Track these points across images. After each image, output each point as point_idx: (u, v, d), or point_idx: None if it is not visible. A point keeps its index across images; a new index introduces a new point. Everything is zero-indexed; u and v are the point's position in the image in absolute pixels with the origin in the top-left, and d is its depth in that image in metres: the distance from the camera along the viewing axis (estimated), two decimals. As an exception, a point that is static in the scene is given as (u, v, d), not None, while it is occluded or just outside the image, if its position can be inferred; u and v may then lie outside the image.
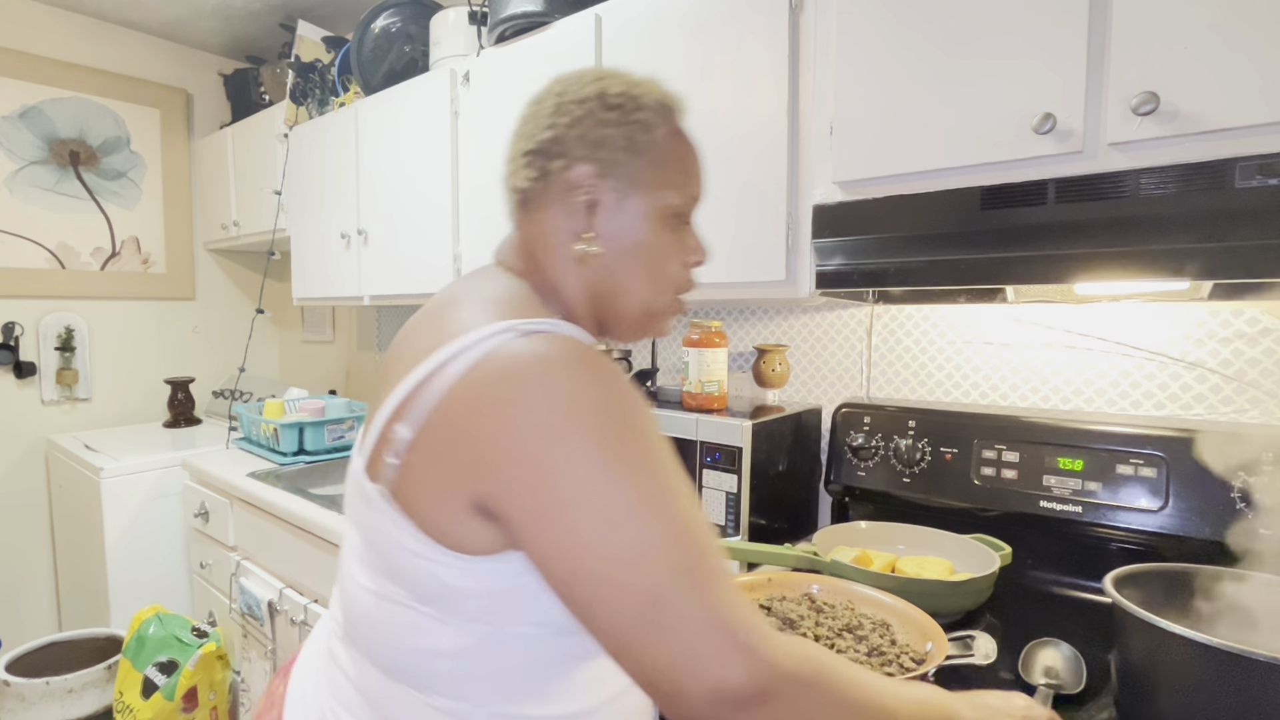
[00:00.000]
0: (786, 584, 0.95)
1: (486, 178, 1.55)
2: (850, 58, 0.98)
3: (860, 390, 1.38)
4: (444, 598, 0.52)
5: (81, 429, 2.50)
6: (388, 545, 0.53)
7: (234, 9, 2.42)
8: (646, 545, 0.45)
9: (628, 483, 0.46)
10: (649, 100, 0.61)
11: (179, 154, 2.73)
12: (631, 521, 0.45)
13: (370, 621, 0.56)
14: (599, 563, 0.45)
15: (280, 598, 1.57)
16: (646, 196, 0.61)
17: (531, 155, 0.62)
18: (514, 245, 0.66)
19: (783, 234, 1.08)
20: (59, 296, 2.45)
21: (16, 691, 1.78)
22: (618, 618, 0.45)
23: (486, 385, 0.48)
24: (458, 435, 0.49)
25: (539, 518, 0.46)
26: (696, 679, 0.44)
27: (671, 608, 0.44)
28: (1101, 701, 0.74)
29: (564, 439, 0.46)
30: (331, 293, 2.07)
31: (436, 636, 0.53)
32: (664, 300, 0.64)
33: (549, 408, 0.47)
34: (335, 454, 2.04)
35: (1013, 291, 1.11)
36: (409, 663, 0.55)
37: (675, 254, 0.63)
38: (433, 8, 1.82)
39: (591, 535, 0.45)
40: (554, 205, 0.61)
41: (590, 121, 0.59)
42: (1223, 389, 1.02)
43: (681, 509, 0.47)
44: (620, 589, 0.45)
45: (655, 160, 0.61)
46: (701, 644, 0.44)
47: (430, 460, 0.50)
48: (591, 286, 0.62)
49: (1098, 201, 0.79)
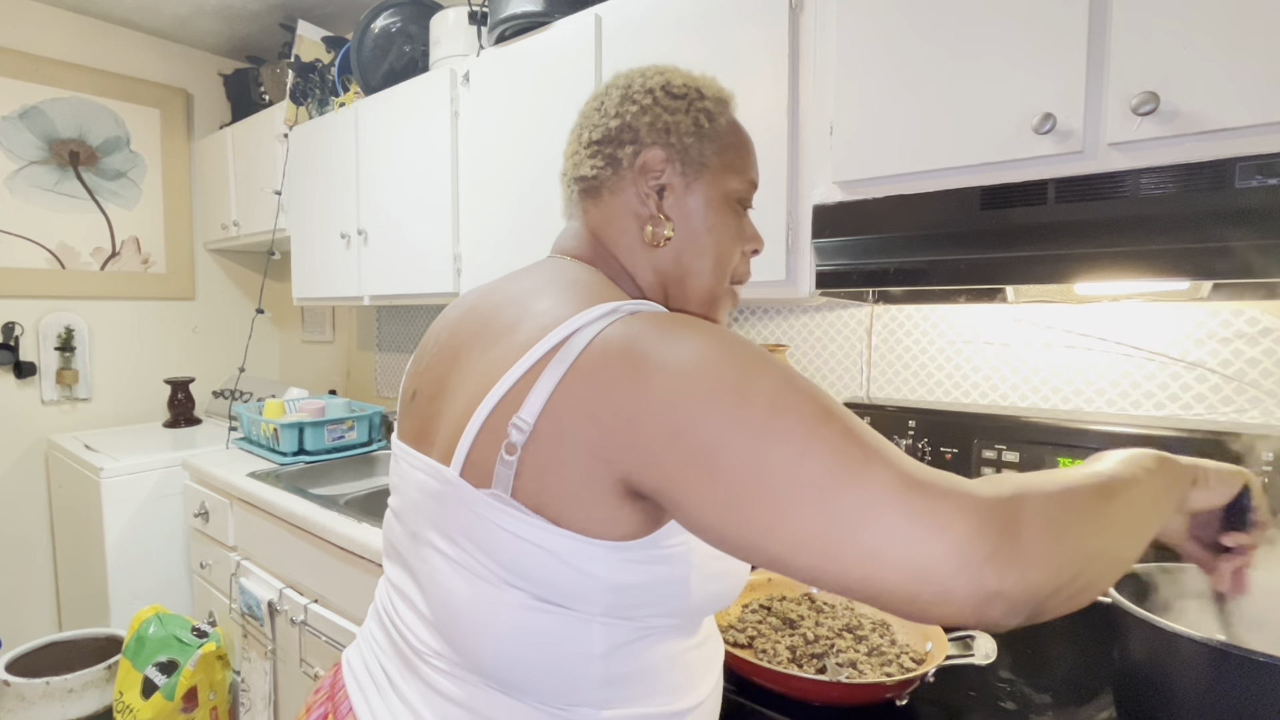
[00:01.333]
0: (787, 584, 0.95)
1: (486, 178, 1.55)
2: (850, 58, 0.98)
3: (860, 390, 1.38)
4: (585, 592, 0.49)
5: (81, 429, 2.50)
6: (512, 551, 0.49)
7: (234, 9, 2.42)
8: (829, 477, 0.41)
9: (788, 427, 0.43)
10: (710, 91, 0.64)
11: (179, 154, 2.73)
12: (810, 460, 0.42)
13: (506, 637, 0.51)
14: (791, 508, 0.41)
15: (280, 598, 1.57)
16: (713, 181, 0.63)
17: (599, 144, 0.63)
18: (578, 235, 0.65)
19: (783, 234, 1.08)
20: (59, 296, 2.45)
21: (16, 691, 1.78)
22: (832, 561, 0.41)
23: (616, 360, 0.46)
24: (591, 416, 0.46)
25: (714, 487, 0.43)
26: (948, 575, 0.39)
27: (876, 520, 0.40)
28: (1101, 701, 0.74)
29: (711, 401, 0.43)
30: (331, 293, 2.07)
31: (585, 640, 0.50)
32: (724, 286, 0.65)
33: (687, 373, 0.45)
34: (335, 454, 2.04)
35: (1013, 291, 1.11)
36: (557, 675, 0.51)
37: (737, 239, 0.65)
38: (433, 8, 1.82)
39: (774, 482, 0.42)
40: (626, 190, 0.62)
41: (658, 109, 0.62)
42: (1223, 389, 1.02)
43: (835, 426, 0.44)
44: (823, 532, 0.41)
45: (720, 147, 0.63)
46: (910, 515, 0.40)
47: (558, 449, 0.47)
48: (663, 271, 0.63)
49: (1098, 201, 0.79)
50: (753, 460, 0.42)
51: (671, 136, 0.61)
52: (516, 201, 1.48)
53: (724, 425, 0.43)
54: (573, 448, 0.47)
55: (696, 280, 0.63)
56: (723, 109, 0.65)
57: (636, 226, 0.63)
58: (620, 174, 0.62)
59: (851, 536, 0.41)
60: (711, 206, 0.63)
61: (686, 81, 0.64)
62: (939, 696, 0.75)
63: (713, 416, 0.43)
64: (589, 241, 0.64)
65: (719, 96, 0.65)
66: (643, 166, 0.62)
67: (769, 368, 0.46)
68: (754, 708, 0.75)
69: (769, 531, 0.42)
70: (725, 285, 0.65)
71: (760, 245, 0.68)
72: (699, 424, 0.43)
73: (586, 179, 0.64)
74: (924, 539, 0.40)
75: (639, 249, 0.63)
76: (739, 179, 0.64)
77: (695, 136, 0.62)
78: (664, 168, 0.61)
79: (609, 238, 0.64)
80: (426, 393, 0.61)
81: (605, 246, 0.64)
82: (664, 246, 0.62)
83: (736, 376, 0.44)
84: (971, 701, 0.75)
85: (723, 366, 0.45)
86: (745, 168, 0.65)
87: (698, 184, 0.62)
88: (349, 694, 0.63)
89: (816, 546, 0.41)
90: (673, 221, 0.62)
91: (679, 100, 0.62)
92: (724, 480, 0.43)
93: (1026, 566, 0.41)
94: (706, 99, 0.64)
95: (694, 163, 0.62)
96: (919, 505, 0.40)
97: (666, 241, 0.62)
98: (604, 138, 0.63)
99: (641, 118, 0.62)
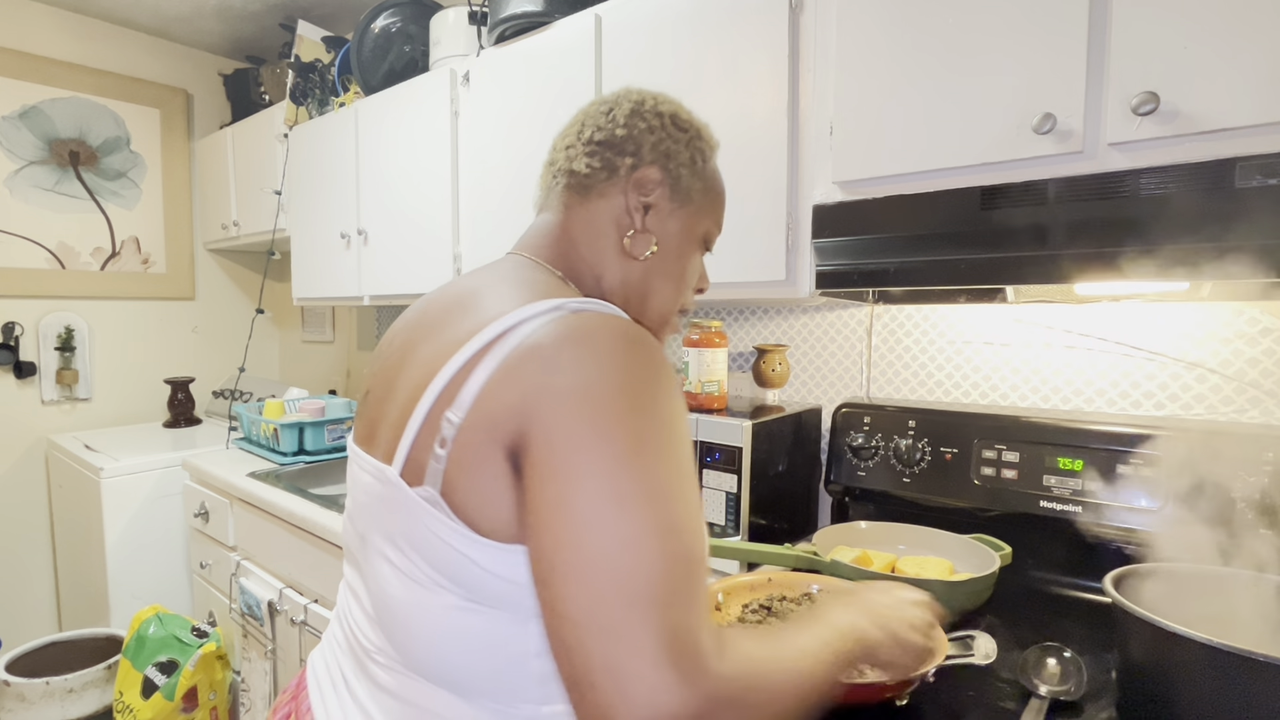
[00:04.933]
0: (787, 584, 0.95)
1: (486, 177, 1.55)
2: (850, 58, 0.98)
3: (860, 390, 1.38)
4: (511, 597, 0.50)
5: (81, 429, 2.50)
6: (440, 550, 0.50)
7: (234, 9, 2.42)
8: (636, 540, 0.44)
9: (641, 473, 0.45)
10: (707, 135, 0.69)
11: (179, 154, 2.73)
12: (631, 512, 0.44)
13: (443, 640, 0.52)
14: (590, 537, 0.44)
15: (280, 598, 1.57)
16: (693, 214, 0.67)
17: (600, 146, 0.65)
18: (548, 232, 0.66)
19: (783, 234, 1.08)
20: (59, 296, 2.45)
21: (16, 691, 1.78)
22: (582, 596, 0.43)
23: (542, 349, 0.48)
24: (505, 405, 0.47)
25: (547, 477, 0.45)
26: (628, 697, 0.41)
27: (636, 612, 0.42)
28: (1101, 702, 0.74)
29: (601, 410, 0.46)
30: (331, 293, 2.07)
31: (521, 640, 0.51)
32: (673, 312, 0.70)
33: (595, 375, 0.47)
34: (335, 454, 2.04)
35: (1013, 291, 1.11)
36: (497, 674, 0.51)
37: (694, 273, 0.70)
38: (433, 8, 1.82)
39: (590, 510, 0.44)
40: (615, 197, 0.64)
41: (664, 134, 0.65)
42: (1223, 389, 1.02)
43: (691, 518, 0.47)
44: (601, 567, 0.43)
45: (705, 186, 0.68)
46: (647, 660, 0.41)
47: (477, 442, 0.48)
48: (630, 283, 0.66)
49: (1098, 201, 0.79)
50: (562, 502, 0.44)
51: (670, 162, 0.65)
52: (516, 201, 1.48)
53: (580, 445, 0.45)
54: (487, 441, 0.48)
55: (657, 299, 0.67)
56: (713, 154, 0.70)
57: (616, 234, 0.65)
58: (614, 180, 0.64)
59: (601, 610, 0.42)
60: (686, 236, 0.67)
61: (691, 119, 0.68)
62: (939, 696, 0.75)
63: (578, 433, 0.45)
64: (559, 239, 0.66)
65: (713, 142, 0.70)
66: (638, 180, 0.64)
67: (664, 457, 0.47)
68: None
69: (547, 553, 0.45)
70: (676, 310, 0.70)
71: (707, 286, 0.74)
72: (567, 433, 0.45)
73: (579, 175, 0.65)
74: (644, 686, 0.41)
75: (612, 255, 0.65)
76: (711, 220, 0.69)
77: (689, 169, 0.66)
78: (656, 188, 0.64)
79: (584, 238, 0.65)
80: (377, 393, 0.61)
81: (576, 246, 0.65)
82: (640, 260, 0.65)
83: (619, 411, 0.46)
84: (971, 701, 0.75)
85: (617, 397, 0.46)
86: (717, 213, 0.70)
87: (680, 213, 0.66)
88: (309, 694, 0.64)
89: (572, 599, 0.43)
90: (655, 238, 0.65)
91: (684, 133, 0.66)
92: (551, 485, 0.45)
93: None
94: (704, 140, 0.68)
95: (682, 192, 0.66)
96: (667, 662, 0.41)
97: (646, 257, 0.65)
98: (607, 141, 0.65)
99: (648, 136, 0.64)
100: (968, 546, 1.04)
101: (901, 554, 1.07)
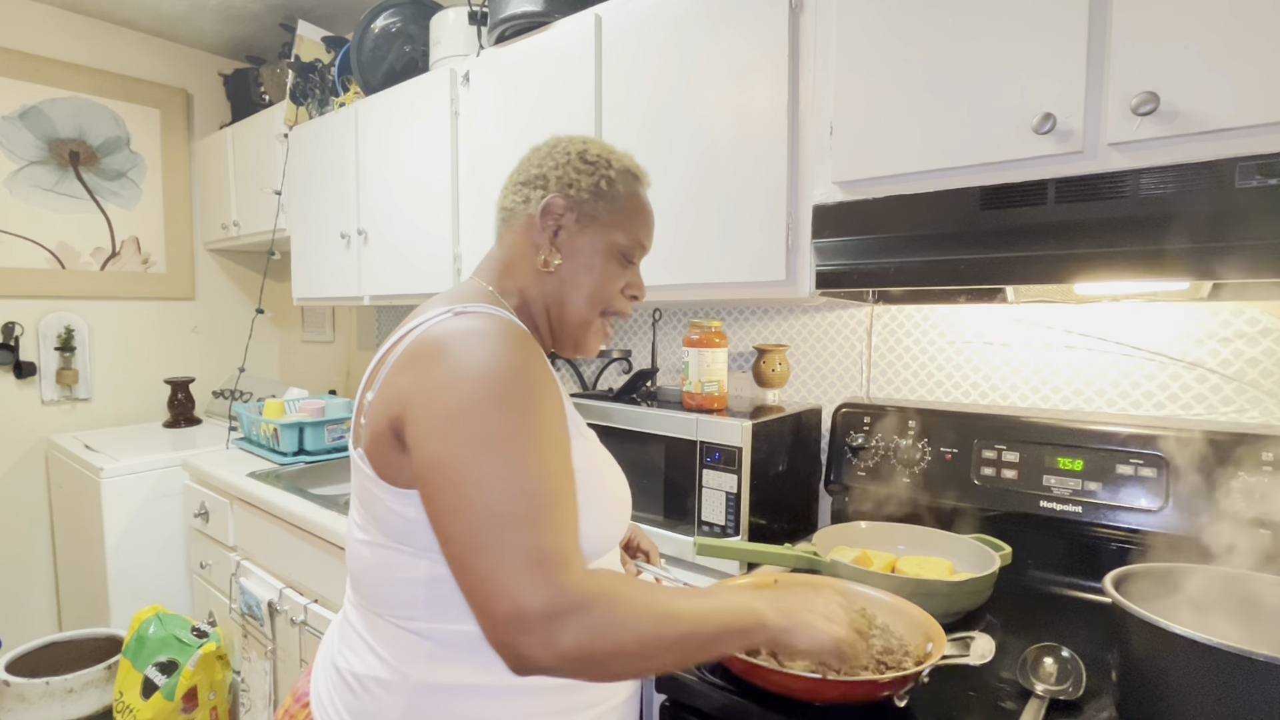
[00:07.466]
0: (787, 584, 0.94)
1: (486, 177, 1.55)
2: (850, 58, 0.98)
3: (860, 390, 1.38)
4: (409, 533, 0.65)
5: (81, 429, 2.50)
6: (369, 498, 0.68)
7: (234, 9, 2.42)
8: (498, 477, 0.56)
9: (504, 428, 0.58)
10: (618, 165, 0.79)
11: (179, 154, 2.74)
12: (491, 457, 0.57)
13: (366, 569, 0.70)
14: (462, 476, 0.56)
15: (280, 598, 1.57)
16: (600, 232, 0.77)
17: (521, 184, 0.79)
18: (491, 257, 0.81)
19: (783, 234, 1.08)
20: (59, 296, 2.45)
21: (16, 691, 1.78)
22: (460, 528, 0.56)
23: (421, 344, 0.64)
24: (395, 386, 0.64)
25: (422, 440, 0.59)
26: (502, 599, 0.53)
27: (506, 533, 0.54)
28: (1101, 702, 0.74)
29: (466, 384, 0.59)
30: (331, 293, 2.07)
31: (413, 569, 0.66)
32: (595, 317, 0.79)
33: (460, 361, 0.60)
34: (335, 454, 2.04)
35: (1013, 291, 1.11)
36: (394, 596, 0.67)
37: (614, 282, 0.79)
38: (433, 8, 1.82)
39: (458, 459, 0.57)
40: (532, 224, 0.77)
41: (569, 168, 0.77)
42: (1223, 389, 1.02)
43: (541, 464, 0.58)
44: (470, 503, 0.56)
45: (613, 208, 0.78)
46: (513, 567, 0.54)
47: (380, 413, 0.65)
48: (547, 294, 0.78)
49: (1098, 201, 0.79)
50: (434, 459, 0.59)
51: (572, 190, 0.76)
52: (516, 201, 1.48)
53: (447, 413, 0.59)
54: (384, 416, 0.64)
55: (571, 307, 0.78)
56: (625, 181, 0.79)
57: (534, 254, 0.77)
58: (530, 209, 0.77)
59: (476, 534, 0.56)
60: (595, 251, 0.77)
61: (601, 153, 0.79)
62: (939, 696, 0.75)
63: (445, 404, 0.59)
64: (497, 264, 0.80)
65: (626, 170, 0.80)
66: (545, 208, 0.76)
67: (511, 413, 0.59)
68: (754, 707, 0.75)
69: (433, 496, 0.59)
70: (596, 317, 0.79)
71: (641, 294, 0.83)
72: (436, 406, 0.59)
73: (505, 209, 0.80)
74: (511, 588, 0.54)
75: (533, 274, 0.77)
76: (625, 236, 0.78)
77: (592, 195, 0.77)
78: (562, 213, 0.76)
79: (512, 260, 0.78)
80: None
81: (509, 268, 0.79)
82: (552, 273, 0.77)
83: (481, 399, 0.59)
84: (971, 701, 0.75)
85: (482, 387, 0.59)
86: (632, 229, 0.79)
87: (586, 232, 0.77)
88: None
89: (455, 529, 0.57)
90: (562, 254, 0.77)
91: (588, 165, 0.78)
92: (425, 447, 0.59)
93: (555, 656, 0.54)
94: (613, 169, 0.78)
95: (586, 215, 0.77)
96: (530, 566, 0.54)
97: (556, 268, 0.76)
98: (526, 180, 0.79)
99: (554, 171, 0.77)
100: (968, 546, 1.04)
101: (901, 554, 1.07)
